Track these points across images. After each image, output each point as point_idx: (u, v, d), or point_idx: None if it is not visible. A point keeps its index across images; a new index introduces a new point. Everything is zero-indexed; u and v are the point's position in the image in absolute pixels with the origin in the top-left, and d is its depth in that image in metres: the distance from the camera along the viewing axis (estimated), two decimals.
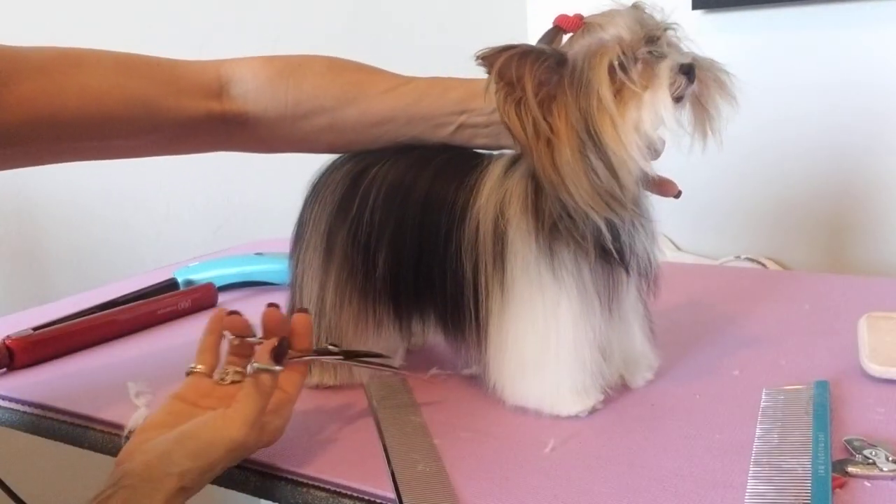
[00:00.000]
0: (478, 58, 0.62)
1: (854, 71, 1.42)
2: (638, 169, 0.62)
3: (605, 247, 0.64)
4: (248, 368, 0.61)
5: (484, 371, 0.69)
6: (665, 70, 0.62)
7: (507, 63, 0.61)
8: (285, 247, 0.80)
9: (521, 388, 0.68)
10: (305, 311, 0.67)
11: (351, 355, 0.70)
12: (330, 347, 0.69)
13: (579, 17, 0.65)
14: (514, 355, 0.67)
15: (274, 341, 0.61)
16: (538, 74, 0.62)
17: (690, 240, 1.57)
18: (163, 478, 0.54)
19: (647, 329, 0.71)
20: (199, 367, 0.64)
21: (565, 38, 0.66)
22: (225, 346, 0.66)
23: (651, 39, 0.62)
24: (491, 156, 0.72)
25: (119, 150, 0.74)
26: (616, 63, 0.61)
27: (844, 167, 1.46)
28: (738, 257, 1.55)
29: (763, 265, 1.52)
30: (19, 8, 1.21)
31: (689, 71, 0.62)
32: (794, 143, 1.48)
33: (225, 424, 0.57)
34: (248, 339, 0.65)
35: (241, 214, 1.48)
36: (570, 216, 0.63)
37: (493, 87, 0.63)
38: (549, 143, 0.62)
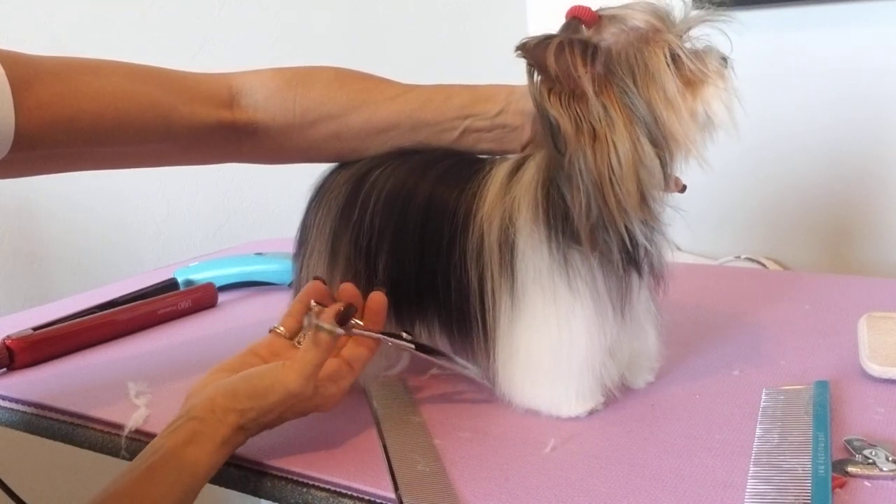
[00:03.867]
0: (518, 48, 0.60)
1: (854, 71, 1.42)
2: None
3: (623, 252, 0.63)
4: (306, 321, 0.64)
5: (492, 378, 0.68)
6: (719, 60, 0.61)
7: (557, 54, 0.59)
8: (285, 247, 0.80)
9: (531, 395, 0.67)
10: (382, 289, 0.68)
11: (422, 348, 0.70)
12: (403, 334, 0.69)
13: (591, 9, 0.63)
14: (526, 364, 0.66)
15: (340, 305, 0.64)
16: (591, 65, 0.59)
17: (690, 240, 1.57)
18: (226, 412, 0.59)
19: (658, 326, 0.70)
20: (281, 328, 0.68)
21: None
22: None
23: (686, 29, 0.62)
24: (493, 161, 0.71)
25: (133, 157, 0.75)
26: (671, 52, 0.60)
27: (845, 167, 1.46)
28: (738, 257, 1.55)
29: (763, 265, 1.52)
30: (20, 11, 1.21)
31: (727, 62, 0.62)
32: (794, 143, 1.48)
33: (284, 373, 0.61)
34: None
35: (241, 214, 1.48)
36: (603, 225, 0.61)
37: (536, 78, 0.60)
38: (594, 138, 0.60)
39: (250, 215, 1.49)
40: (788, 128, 1.48)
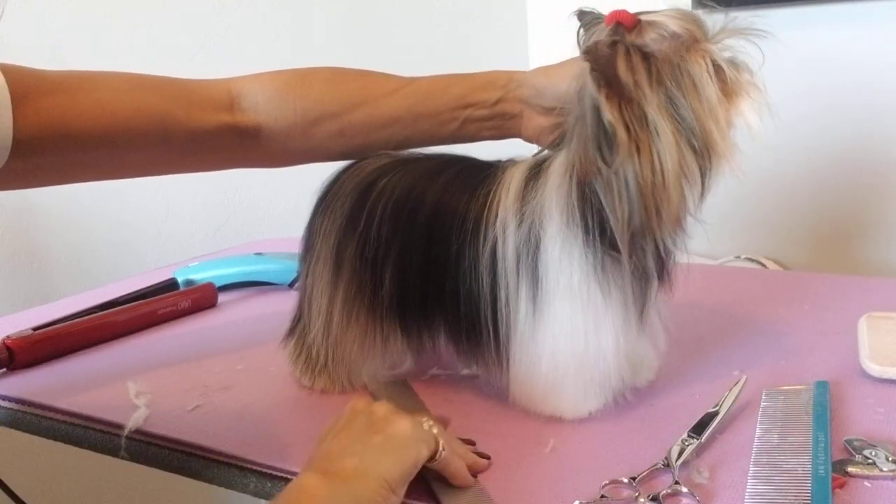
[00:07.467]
0: (585, 52, 0.58)
1: (854, 71, 1.42)
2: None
3: (655, 259, 0.63)
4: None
5: (506, 387, 0.68)
6: (750, 71, 0.60)
7: (627, 61, 0.58)
8: (285, 247, 0.80)
9: (554, 401, 0.67)
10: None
11: None
12: None
13: (631, 13, 0.61)
14: (550, 371, 0.65)
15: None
16: (649, 72, 0.58)
17: (690, 240, 1.57)
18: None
19: (667, 327, 0.70)
20: None
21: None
22: None
23: (721, 39, 0.61)
24: (503, 166, 0.69)
25: (131, 164, 0.75)
26: (713, 61, 0.59)
27: (844, 167, 1.46)
28: (738, 257, 1.55)
29: (763, 265, 1.52)
30: (20, 11, 1.21)
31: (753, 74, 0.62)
32: (795, 143, 1.49)
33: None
34: None
35: (241, 214, 1.48)
36: (642, 233, 0.60)
37: (595, 84, 0.58)
38: (643, 146, 0.58)
39: (250, 215, 1.49)
40: (789, 128, 1.47)
